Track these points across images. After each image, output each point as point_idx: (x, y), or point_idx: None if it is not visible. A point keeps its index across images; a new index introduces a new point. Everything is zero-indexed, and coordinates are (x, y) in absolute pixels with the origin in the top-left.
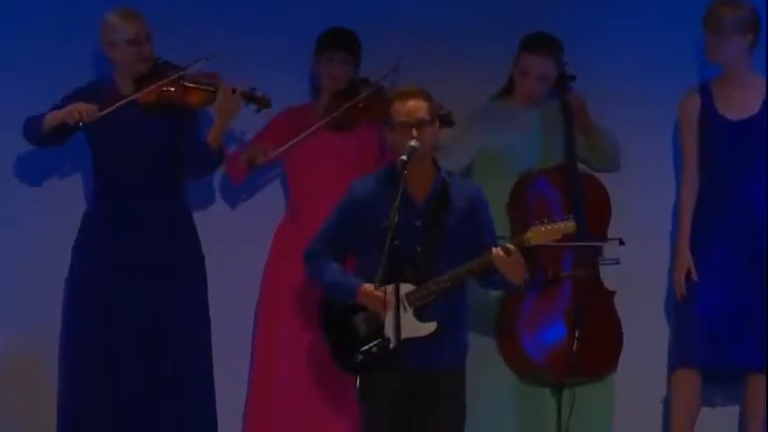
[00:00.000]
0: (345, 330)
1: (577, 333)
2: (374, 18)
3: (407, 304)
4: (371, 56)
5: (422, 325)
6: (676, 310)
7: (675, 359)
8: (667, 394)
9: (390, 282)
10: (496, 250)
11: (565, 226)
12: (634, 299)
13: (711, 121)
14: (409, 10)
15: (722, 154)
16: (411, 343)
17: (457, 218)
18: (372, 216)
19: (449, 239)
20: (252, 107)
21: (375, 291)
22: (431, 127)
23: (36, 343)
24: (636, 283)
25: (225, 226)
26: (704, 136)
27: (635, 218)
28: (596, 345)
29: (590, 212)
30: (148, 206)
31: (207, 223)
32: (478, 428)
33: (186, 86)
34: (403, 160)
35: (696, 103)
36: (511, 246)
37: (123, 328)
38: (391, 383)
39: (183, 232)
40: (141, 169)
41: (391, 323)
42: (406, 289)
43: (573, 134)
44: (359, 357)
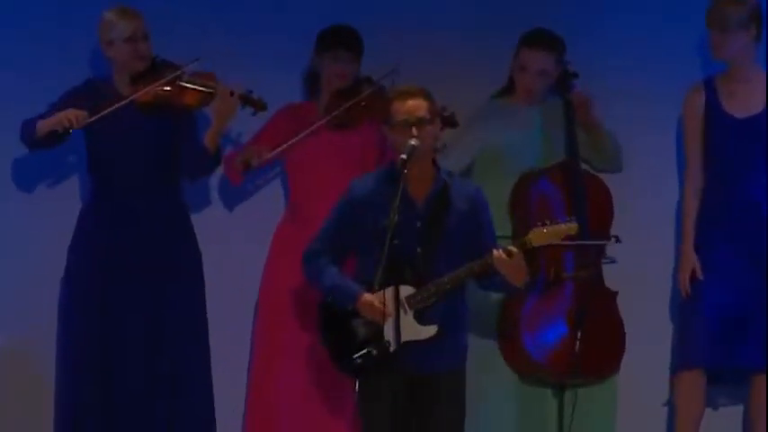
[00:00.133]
0: (344, 333)
1: (579, 334)
2: (374, 16)
3: (408, 307)
4: (371, 54)
5: (422, 328)
6: (680, 311)
7: (680, 360)
8: (670, 395)
9: (390, 283)
10: (497, 252)
11: (567, 227)
12: (637, 299)
13: (716, 118)
14: (409, 8)
15: (726, 151)
16: (411, 346)
17: (457, 218)
18: (372, 216)
19: (449, 240)
20: (248, 110)
21: (375, 302)
22: (431, 126)
23: (33, 342)
24: (638, 284)
25: (223, 226)
26: (709, 133)
27: (637, 217)
28: (599, 345)
29: (592, 212)
30: (145, 205)
31: (205, 223)
32: (480, 429)
33: (183, 86)
34: (403, 159)
35: (701, 100)
36: (512, 248)
37: (120, 328)
38: (391, 386)
39: (181, 231)
40: (138, 169)
41: (391, 326)
42: (406, 291)
43: (574, 132)
44: (358, 361)
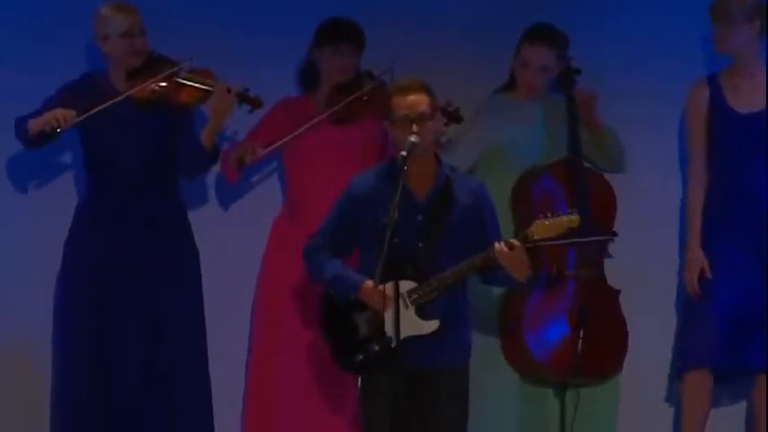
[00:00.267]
0: (346, 330)
1: (582, 333)
2: (373, 11)
3: (409, 302)
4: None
5: (424, 323)
6: (686, 310)
7: (687, 360)
8: (668, 394)
9: (390, 279)
10: (499, 245)
11: (569, 219)
12: (640, 298)
13: (721, 114)
14: (409, 3)
15: (731, 147)
16: (413, 341)
17: (459, 214)
18: (372, 212)
19: (451, 236)
20: (245, 107)
21: (377, 288)
22: (432, 121)
23: (28, 340)
24: (641, 282)
25: (220, 223)
26: (713, 128)
27: (639, 215)
28: (601, 345)
29: (594, 209)
30: (142, 203)
31: (202, 220)
32: (481, 429)
33: (179, 83)
34: (403, 156)
35: (705, 95)
36: (514, 241)
37: (118, 326)
38: (391, 384)
39: (178, 229)
40: (134, 166)
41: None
42: (408, 286)
43: (577, 129)
44: (359, 357)
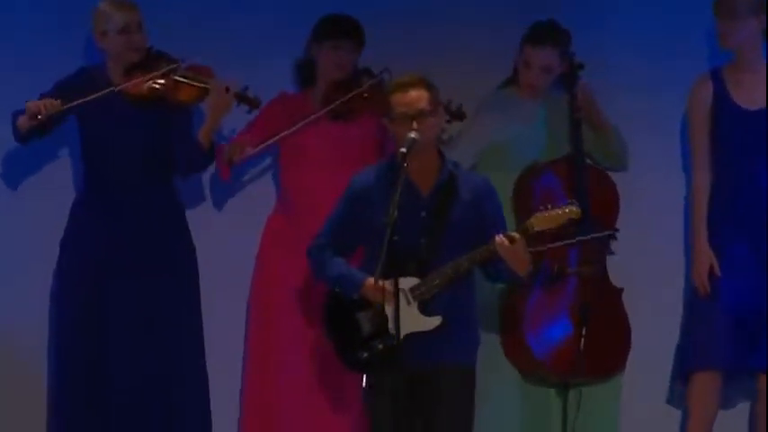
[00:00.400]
0: (350, 328)
1: (584, 331)
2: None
3: (411, 298)
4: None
5: (426, 319)
6: (692, 308)
7: (695, 361)
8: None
9: (392, 277)
10: (500, 238)
11: (568, 210)
12: (643, 296)
13: (724, 108)
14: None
15: (734, 142)
16: (416, 338)
17: (463, 210)
18: (373, 210)
19: (454, 232)
20: (243, 107)
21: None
22: (432, 117)
23: (24, 338)
24: (644, 280)
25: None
26: (717, 124)
27: (642, 213)
28: (603, 343)
29: (597, 206)
30: (140, 200)
31: (196, 217)
32: (482, 428)
33: (177, 81)
34: (402, 152)
35: (709, 89)
36: (514, 233)
37: (115, 324)
38: (395, 381)
39: (175, 227)
40: (131, 163)
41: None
42: (411, 283)
43: (579, 126)
44: (364, 355)
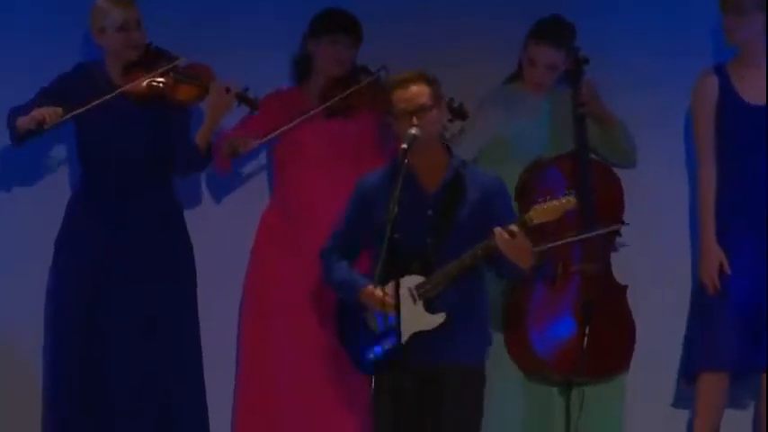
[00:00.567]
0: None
1: (587, 329)
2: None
3: (417, 297)
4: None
5: (431, 317)
6: (702, 308)
7: (703, 361)
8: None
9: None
10: (499, 231)
11: (566, 201)
12: (648, 294)
13: (731, 104)
14: None
15: (741, 138)
16: (422, 336)
17: (470, 209)
18: (379, 210)
19: (460, 231)
20: (243, 108)
21: (376, 292)
22: (434, 111)
23: (19, 338)
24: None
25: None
26: (723, 119)
27: (647, 209)
28: (607, 342)
29: (601, 202)
30: (138, 199)
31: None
32: (485, 426)
33: (177, 80)
34: (403, 149)
35: (714, 85)
36: (514, 227)
37: (111, 324)
38: (401, 381)
39: (173, 226)
40: (129, 161)
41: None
42: (415, 281)
43: (584, 121)
44: (371, 356)
